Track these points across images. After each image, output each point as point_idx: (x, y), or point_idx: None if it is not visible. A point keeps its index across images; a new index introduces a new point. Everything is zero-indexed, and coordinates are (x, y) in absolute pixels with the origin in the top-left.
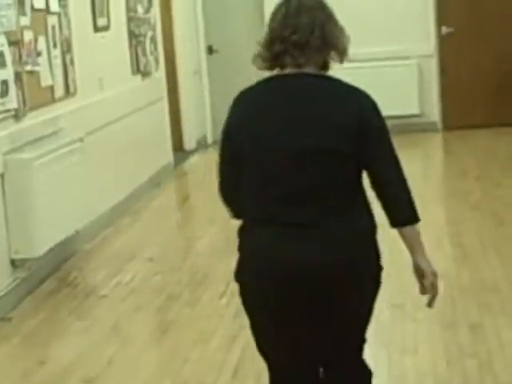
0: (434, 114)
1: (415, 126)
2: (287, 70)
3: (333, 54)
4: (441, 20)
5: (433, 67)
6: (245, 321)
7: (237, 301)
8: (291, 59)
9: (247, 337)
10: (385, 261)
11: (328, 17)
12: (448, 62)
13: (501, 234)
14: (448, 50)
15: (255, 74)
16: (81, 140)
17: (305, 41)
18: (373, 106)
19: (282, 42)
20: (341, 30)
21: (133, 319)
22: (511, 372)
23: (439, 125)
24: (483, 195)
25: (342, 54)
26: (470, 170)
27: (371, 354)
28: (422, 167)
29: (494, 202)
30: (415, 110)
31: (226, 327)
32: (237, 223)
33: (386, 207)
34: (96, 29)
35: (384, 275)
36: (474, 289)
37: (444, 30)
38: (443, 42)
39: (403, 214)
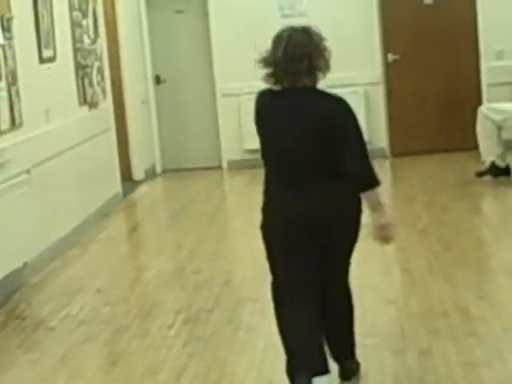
0: (382, 140)
1: None
2: (285, 86)
3: (318, 72)
4: (386, 47)
5: (379, 94)
6: (194, 350)
7: (186, 331)
8: (287, 81)
9: (197, 367)
10: None
11: (315, 47)
12: (394, 88)
13: (448, 259)
14: (394, 77)
15: (203, 104)
16: (28, 172)
17: (296, 69)
18: (345, 109)
19: (282, 71)
20: (324, 55)
21: (81, 351)
22: None
23: (387, 151)
24: (431, 221)
25: (325, 72)
26: (418, 195)
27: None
28: None
29: (442, 228)
30: None
31: (174, 358)
32: (185, 255)
33: (353, 177)
34: (42, 60)
35: None
36: (423, 314)
37: (390, 57)
38: (389, 69)
39: (365, 181)
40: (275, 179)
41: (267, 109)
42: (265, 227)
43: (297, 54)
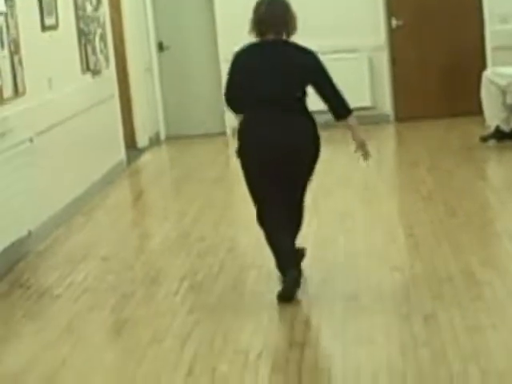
0: (386, 105)
1: (368, 119)
2: (269, 37)
3: (290, 28)
4: (390, 13)
5: (383, 59)
6: (199, 317)
7: (191, 297)
8: (271, 33)
9: (201, 334)
10: (339, 253)
11: (288, 9)
12: (398, 54)
13: (453, 225)
14: (398, 43)
15: (206, 70)
16: (31, 140)
17: (278, 23)
18: (316, 57)
19: (267, 25)
20: (294, 18)
21: (87, 319)
22: (464, 362)
23: (391, 116)
24: (435, 186)
25: (294, 30)
26: (423, 161)
27: (325, 348)
28: (374, 159)
29: (447, 193)
30: (367, 103)
31: (180, 325)
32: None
33: (333, 108)
34: (44, 28)
35: (338, 269)
36: (428, 279)
37: (394, 22)
38: (393, 34)
39: (344, 110)
40: (252, 109)
41: (253, 55)
42: (242, 151)
43: (277, 13)
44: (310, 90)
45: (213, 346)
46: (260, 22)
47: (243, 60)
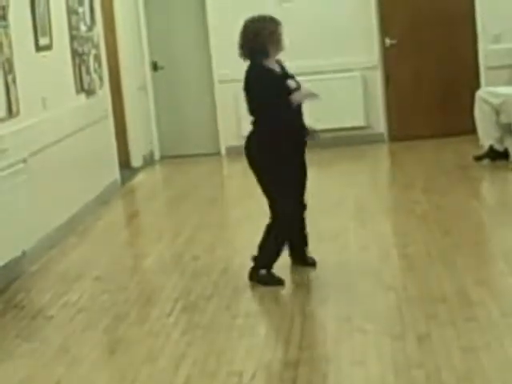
0: (380, 125)
1: (362, 138)
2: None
3: None
4: (384, 32)
5: (377, 79)
6: (193, 338)
7: (184, 318)
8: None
9: (195, 354)
10: (333, 273)
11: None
12: (392, 73)
13: (447, 245)
14: (391, 62)
15: (201, 90)
16: (24, 161)
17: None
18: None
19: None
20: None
21: (81, 339)
22: (459, 383)
23: (385, 136)
24: (430, 206)
25: None
26: (417, 180)
27: (319, 368)
28: (369, 179)
29: (440, 212)
30: (361, 122)
31: (173, 345)
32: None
33: None
34: (38, 48)
35: (331, 289)
36: (422, 299)
37: (387, 41)
38: (386, 53)
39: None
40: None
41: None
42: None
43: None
44: None
45: (206, 367)
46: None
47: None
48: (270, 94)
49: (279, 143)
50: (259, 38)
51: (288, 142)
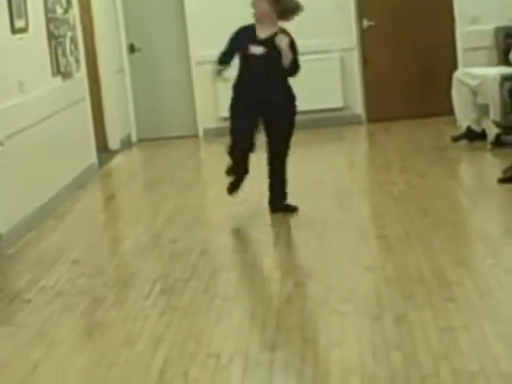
0: (358, 106)
1: (340, 120)
2: None
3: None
4: (361, 14)
5: (355, 60)
6: (171, 320)
7: (162, 300)
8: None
9: (173, 337)
10: (311, 256)
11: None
12: (370, 54)
13: (425, 225)
14: (369, 43)
15: (178, 72)
16: (1, 144)
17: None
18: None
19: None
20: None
21: (58, 323)
22: (436, 363)
23: (363, 117)
24: (407, 187)
25: None
26: (395, 161)
27: (297, 351)
28: (346, 160)
29: (418, 193)
30: (339, 104)
31: (151, 328)
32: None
33: None
34: (14, 31)
35: (309, 272)
36: (400, 280)
37: (365, 23)
38: (364, 35)
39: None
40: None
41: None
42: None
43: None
44: None
45: (184, 350)
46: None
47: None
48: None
49: (234, 93)
50: None
51: (239, 100)
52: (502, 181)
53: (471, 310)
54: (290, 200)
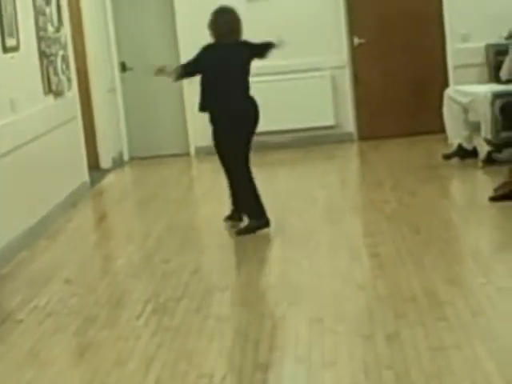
0: (349, 124)
1: (331, 138)
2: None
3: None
4: (352, 31)
5: (346, 78)
6: (163, 340)
7: (154, 320)
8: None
9: (165, 357)
10: (303, 274)
11: (240, 21)
12: (361, 72)
13: (417, 243)
14: (360, 61)
15: (169, 91)
16: None
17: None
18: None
19: (225, 33)
20: (241, 25)
21: (50, 343)
22: (428, 382)
23: (355, 135)
24: (399, 205)
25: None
26: (386, 179)
27: (290, 371)
28: (338, 178)
29: (410, 211)
30: (330, 122)
31: (143, 348)
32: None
33: (265, 48)
34: (5, 49)
35: (302, 290)
36: (392, 299)
37: (356, 40)
38: (355, 52)
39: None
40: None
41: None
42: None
43: (234, 25)
44: None
45: (176, 370)
46: (219, 30)
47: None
48: None
49: None
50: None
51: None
52: (494, 199)
53: (463, 329)
54: (283, 217)
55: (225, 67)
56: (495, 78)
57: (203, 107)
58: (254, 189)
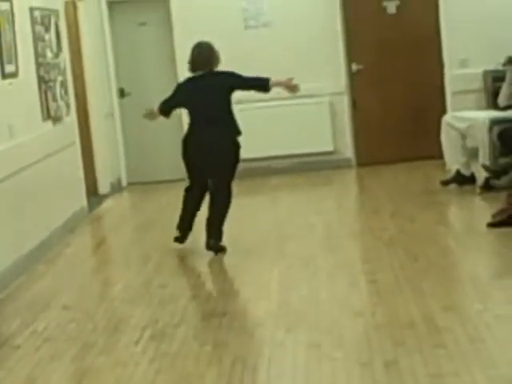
0: (348, 150)
1: (330, 163)
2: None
3: (214, 63)
4: (350, 57)
5: (344, 104)
6: (161, 366)
7: (152, 346)
8: (201, 69)
9: (163, 383)
10: (301, 301)
11: (212, 52)
12: (359, 98)
13: (415, 270)
14: (358, 87)
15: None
16: None
17: (204, 62)
18: (229, 71)
19: (198, 63)
20: (217, 57)
21: (48, 369)
22: None
23: (353, 161)
24: (397, 231)
25: (218, 63)
26: (384, 205)
27: None
28: (336, 204)
29: (408, 238)
30: (329, 147)
31: (141, 374)
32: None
33: (257, 86)
34: (4, 76)
35: (300, 317)
36: (390, 326)
37: (354, 67)
38: (353, 78)
39: (264, 80)
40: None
41: (193, 83)
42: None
43: (206, 56)
44: None
45: None
46: (193, 62)
47: (187, 87)
48: None
49: None
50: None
51: None
52: (492, 225)
53: (461, 356)
54: (281, 243)
55: (198, 98)
56: (493, 105)
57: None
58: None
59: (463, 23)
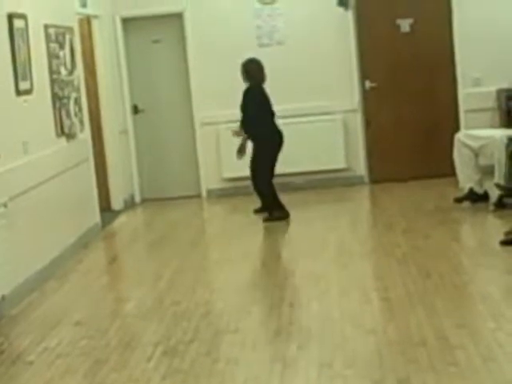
0: (361, 167)
1: (342, 180)
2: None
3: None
4: (364, 75)
5: (358, 122)
6: (173, 383)
7: (164, 363)
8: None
9: None
10: (313, 317)
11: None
12: (372, 116)
13: (428, 287)
14: (372, 105)
15: (181, 133)
16: (5, 205)
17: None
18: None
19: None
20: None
21: None
22: None
23: (366, 178)
24: (410, 248)
25: None
26: (397, 223)
27: None
28: (349, 221)
29: (421, 255)
30: (342, 165)
31: None
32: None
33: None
34: (18, 93)
35: (312, 334)
36: (402, 343)
37: (367, 84)
38: (367, 96)
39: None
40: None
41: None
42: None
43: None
44: None
45: None
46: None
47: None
48: None
49: None
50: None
51: None
52: (505, 243)
53: (474, 375)
54: (293, 260)
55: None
56: (506, 123)
57: None
58: None
59: (477, 42)
